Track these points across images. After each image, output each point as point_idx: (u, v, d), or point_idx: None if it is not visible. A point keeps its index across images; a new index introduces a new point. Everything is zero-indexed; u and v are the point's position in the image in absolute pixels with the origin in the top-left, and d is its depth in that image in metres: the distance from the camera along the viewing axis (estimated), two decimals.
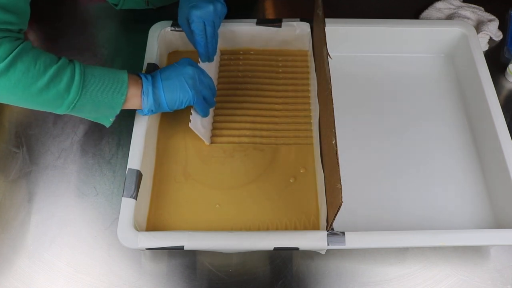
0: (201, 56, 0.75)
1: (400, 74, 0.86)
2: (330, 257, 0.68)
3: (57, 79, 0.57)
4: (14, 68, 0.54)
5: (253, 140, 0.76)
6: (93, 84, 0.60)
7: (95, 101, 0.61)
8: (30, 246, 0.69)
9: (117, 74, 0.63)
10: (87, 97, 0.60)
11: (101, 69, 0.62)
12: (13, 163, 0.76)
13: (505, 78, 0.87)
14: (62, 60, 0.58)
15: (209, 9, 0.70)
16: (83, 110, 0.61)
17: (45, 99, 0.57)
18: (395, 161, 0.75)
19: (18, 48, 0.54)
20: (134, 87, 0.64)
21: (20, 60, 0.54)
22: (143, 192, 0.67)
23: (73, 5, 0.97)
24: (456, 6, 0.93)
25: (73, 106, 0.59)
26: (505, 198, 0.68)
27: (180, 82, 0.66)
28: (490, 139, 0.73)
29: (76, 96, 0.59)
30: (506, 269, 0.68)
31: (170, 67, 0.68)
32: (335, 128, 0.59)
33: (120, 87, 0.62)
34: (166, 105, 0.66)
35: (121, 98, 0.63)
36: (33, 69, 0.55)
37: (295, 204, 0.70)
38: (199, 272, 0.67)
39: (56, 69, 0.57)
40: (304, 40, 0.84)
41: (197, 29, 0.71)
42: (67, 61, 0.59)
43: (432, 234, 0.63)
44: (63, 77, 0.57)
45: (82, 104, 0.60)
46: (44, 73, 0.56)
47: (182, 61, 0.69)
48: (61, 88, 0.57)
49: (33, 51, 0.56)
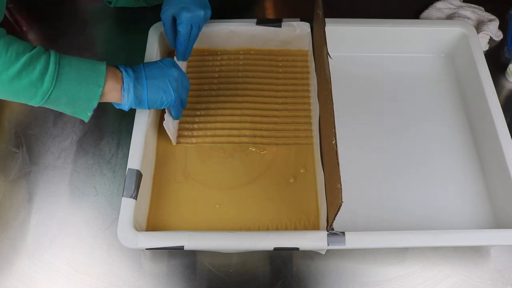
0: (179, 55, 0.75)
1: (400, 74, 0.86)
2: (330, 257, 0.68)
3: (29, 68, 0.55)
4: None
5: (253, 140, 0.76)
6: (68, 74, 0.58)
7: (71, 92, 0.58)
8: (30, 246, 0.69)
9: (94, 65, 0.60)
10: (62, 87, 0.57)
11: (78, 60, 0.60)
12: (13, 163, 0.76)
13: (505, 78, 0.87)
14: (37, 49, 0.56)
15: (200, 14, 0.71)
16: (59, 102, 0.59)
17: (17, 88, 0.55)
18: (395, 161, 0.75)
19: None
20: (113, 80, 0.62)
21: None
22: (143, 192, 0.67)
23: (73, 5, 0.97)
24: (456, 6, 0.93)
25: (48, 97, 0.57)
26: (505, 198, 0.68)
27: (165, 83, 0.65)
28: (490, 139, 0.73)
29: (50, 86, 0.56)
30: (506, 269, 0.68)
31: (155, 66, 0.66)
32: (335, 128, 0.59)
33: (97, 78, 0.60)
34: (147, 104, 0.65)
35: (98, 90, 0.60)
36: (4, 56, 0.53)
37: (295, 204, 0.70)
38: (199, 272, 0.67)
39: (29, 57, 0.55)
40: (304, 40, 0.84)
41: (183, 30, 0.71)
42: (43, 50, 0.57)
43: (432, 234, 0.63)
44: (36, 66, 0.55)
45: (57, 95, 0.58)
46: (16, 60, 0.54)
47: (166, 61, 0.68)
48: (34, 77, 0.55)
49: (6, 38, 0.54)
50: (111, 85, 0.62)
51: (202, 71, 0.83)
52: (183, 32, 0.72)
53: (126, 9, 0.94)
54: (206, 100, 0.80)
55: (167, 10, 0.72)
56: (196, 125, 0.77)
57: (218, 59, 0.84)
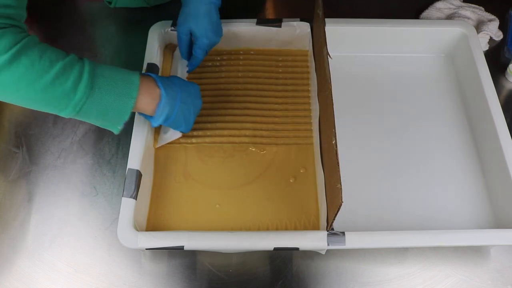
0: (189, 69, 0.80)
1: (400, 74, 0.86)
2: (330, 257, 0.68)
3: (63, 77, 0.53)
4: (18, 62, 0.50)
5: (253, 140, 0.76)
6: (102, 85, 0.56)
7: (103, 104, 0.57)
8: (30, 246, 0.69)
9: (128, 76, 0.60)
10: (95, 99, 0.56)
11: (111, 69, 0.59)
12: (13, 163, 0.76)
13: (505, 78, 0.87)
14: (71, 57, 0.55)
15: (216, 41, 0.76)
16: (90, 114, 0.58)
17: (49, 97, 0.53)
18: (395, 161, 0.75)
19: (23, 41, 0.51)
20: (148, 94, 0.62)
21: (25, 54, 0.51)
22: (143, 192, 0.67)
23: (73, 5, 0.97)
24: (456, 6, 0.93)
25: (79, 109, 0.56)
26: (505, 198, 0.68)
27: (189, 113, 0.69)
28: (490, 139, 0.73)
29: (83, 97, 0.55)
30: (506, 269, 0.68)
31: (188, 91, 0.68)
32: (335, 128, 0.59)
33: (130, 90, 0.59)
34: (167, 124, 0.68)
35: (130, 101, 0.59)
36: (38, 64, 0.51)
37: (295, 204, 0.70)
38: (199, 272, 0.67)
39: (62, 65, 0.53)
40: (304, 40, 0.84)
41: (200, 56, 0.76)
42: (77, 58, 0.56)
43: (432, 234, 0.63)
44: (70, 75, 0.54)
45: (89, 107, 0.56)
46: (50, 68, 0.52)
47: (196, 89, 0.71)
48: (68, 87, 0.54)
49: (40, 45, 0.53)
50: (145, 101, 0.62)
51: (202, 71, 0.83)
52: (200, 57, 0.77)
53: (126, 9, 0.94)
54: (206, 100, 0.79)
55: (184, 24, 0.74)
56: (196, 125, 0.77)
57: (218, 59, 0.84)
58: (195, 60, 0.77)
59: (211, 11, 0.74)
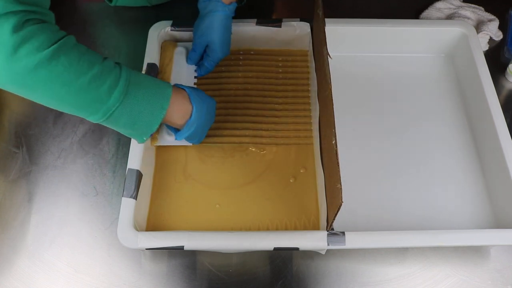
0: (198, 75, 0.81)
1: (400, 74, 0.86)
2: (330, 257, 0.68)
3: (99, 80, 0.53)
4: (57, 61, 0.49)
5: (253, 140, 0.76)
6: (136, 93, 0.56)
7: (134, 112, 0.56)
8: (30, 246, 0.69)
9: (161, 86, 0.60)
10: (127, 106, 0.55)
11: (146, 78, 0.59)
12: (13, 163, 0.76)
13: (505, 78, 0.87)
14: (108, 61, 0.55)
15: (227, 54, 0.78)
16: (119, 121, 0.57)
17: (83, 100, 0.53)
18: (395, 161, 0.75)
19: (63, 39, 0.50)
20: (180, 109, 0.63)
21: (64, 53, 0.50)
22: (143, 192, 0.67)
23: (73, 5, 0.97)
24: (456, 6, 0.93)
25: (110, 114, 0.55)
26: (505, 198, 0.68)
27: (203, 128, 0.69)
28: (490, 139, 0.73)
29: (116, 103, 0.54)
30: (506, 269, 0.68)
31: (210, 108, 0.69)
32: (335, 128, 0.59)
33: (162, 101, 0.59)
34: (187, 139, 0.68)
35: (161, 112, 0.59)
36: (77, 64, 0.51)
37: (295, 204, 0.70)
38: (199, 272, 0.67)
39: (100, 69, 0.53)
40: (304, 40, 0.84)
41: (212, 67, 0.80)
42: (113, 63, 0.55)
43: (432, 234, 0.63)
44: (106, 79, 0.53)
45: (120, 113, 0.55)
46: (88, 70, 0.52)
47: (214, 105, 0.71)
48: (102, 91, 0.53)
49: (78, 47, 0.52)
50: (177, 115, 0.63)
51: None
52: (211, 69, 0.80)
53: (126, 9, 0.94)
54: None
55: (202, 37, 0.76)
56: None
57: None
58: (205, 70, 0.80)
59: (228, 25, 0.75)
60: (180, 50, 0.81)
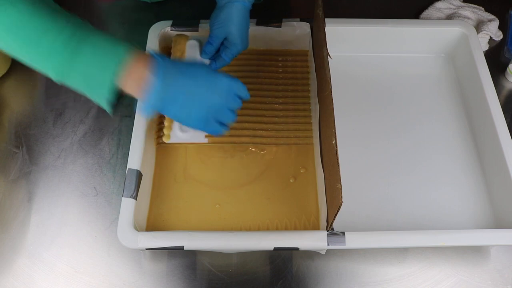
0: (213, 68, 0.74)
1: (400, 74, 0.86)
2: (330, 257, 0.68)
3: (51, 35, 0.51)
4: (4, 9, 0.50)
5: (253, 140, 0.76)
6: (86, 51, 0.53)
7: (87, 73, 0.53)
8: (30, 246, 0.69)
9: (115, 47, 0.55)
10: (77, 65, 0.52)
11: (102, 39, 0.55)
12: (13, 163, 0.76)
13: (505, 78, 0.87)
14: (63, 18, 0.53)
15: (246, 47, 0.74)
16: (73, 80, 0.54)
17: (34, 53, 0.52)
18: (395, 161, 0.75)
19: None
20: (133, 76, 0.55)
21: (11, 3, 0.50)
22: (143, 192, 0.67)
23: (73, 5, 0.97)
24: (456, 6, 0.93)
25: (61, 72, 0.53)
26: (505, 198, 0.68)
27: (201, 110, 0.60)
28: (490, 139, 0.73)
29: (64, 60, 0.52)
30: (506, 269, 0.68)
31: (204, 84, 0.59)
32: (335, 128, 0.59)
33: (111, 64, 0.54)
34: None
35: (109, 76, 0.53)
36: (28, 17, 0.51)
37: (295, 204, 0.70)
38: (199, 272, 0.67)
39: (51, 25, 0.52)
40: (304, 40, 0.84)
41: (229, 60, 0.75)
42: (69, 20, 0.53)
43: (432, 234, 0.63)
44: (58, 36, 0.51)
45: (70, 72, 0.53)
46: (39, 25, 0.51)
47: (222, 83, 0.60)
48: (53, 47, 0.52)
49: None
50: (131, 83, 0.55)
51: None
52: (227, 61, 0.75)
53: (126, 9, 0.94)
54: None
55: (221, 28, 0.71)
56: None
57: None
58: (222, 63, 0.75)
59: (247, 17, 0.73)
60: (192, 43, 0.79)
